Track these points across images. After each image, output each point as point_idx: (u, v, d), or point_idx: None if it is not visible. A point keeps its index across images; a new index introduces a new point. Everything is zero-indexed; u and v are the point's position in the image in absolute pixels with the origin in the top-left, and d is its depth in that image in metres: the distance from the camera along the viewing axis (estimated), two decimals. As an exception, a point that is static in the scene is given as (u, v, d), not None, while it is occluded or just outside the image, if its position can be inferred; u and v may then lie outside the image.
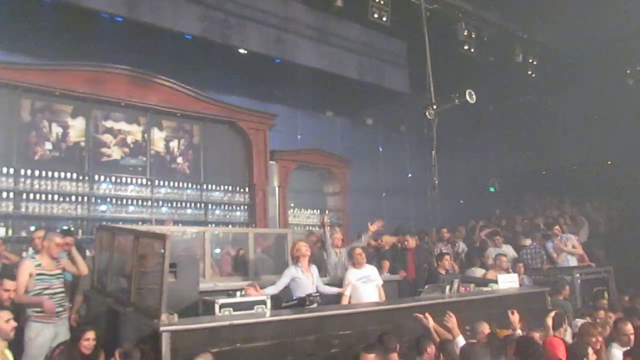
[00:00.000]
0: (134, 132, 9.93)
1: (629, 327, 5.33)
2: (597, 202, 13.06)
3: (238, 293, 5.05)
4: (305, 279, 6.03)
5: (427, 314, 5.23)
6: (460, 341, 4.83)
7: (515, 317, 5.42)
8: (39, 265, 5.50)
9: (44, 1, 8.60)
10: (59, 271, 5.66)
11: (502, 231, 11.18)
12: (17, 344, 4.88)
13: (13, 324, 4.45)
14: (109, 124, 9.68)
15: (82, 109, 9.38)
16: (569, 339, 5.81)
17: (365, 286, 6.61)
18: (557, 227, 9.93)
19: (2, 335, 4.40)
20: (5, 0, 8.32)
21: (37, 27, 8.74)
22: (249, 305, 4.91)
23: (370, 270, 6.84)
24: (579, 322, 6.34)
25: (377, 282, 6.81)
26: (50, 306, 5.33)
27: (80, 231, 8.81)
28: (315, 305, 5.43)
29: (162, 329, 4.02)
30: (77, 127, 9.36)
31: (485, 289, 7.65)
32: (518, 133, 14.74)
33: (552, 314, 5.64)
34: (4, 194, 8.32)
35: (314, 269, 6.29)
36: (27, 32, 8.68)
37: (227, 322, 4.38)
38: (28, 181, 8.56)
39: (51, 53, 8.90)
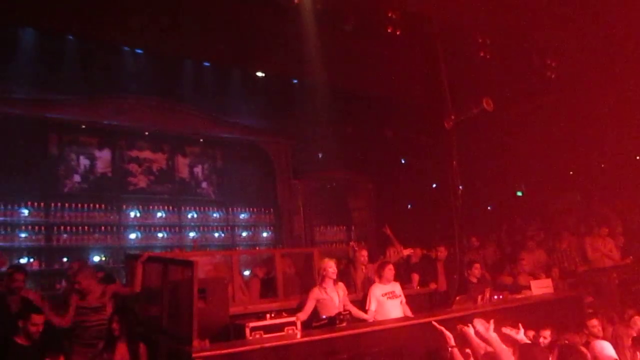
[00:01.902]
0: (159, 159, 10.12)
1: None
2: (629, 199, 12.75)
3: (267, 315, 5.05)
4: (330, 300, 5.93)
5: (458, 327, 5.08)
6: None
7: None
8: (82, 299, 5.61)
9: (68, 38, 8.88)
10: (100, 304, 5.70)
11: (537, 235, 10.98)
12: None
13: None
14: (134, 153, 9.90)
15: (108, 140, 9.62)
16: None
17: (392, 302, 6.44)
18: (605, 228, 9.82)
19: None
20: (31, 38, 8.63)
21: (62, 63, 8.99)
22: (279, 327, 4.90)
23: (395, 286, 6.66)
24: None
25: (402, 298, 6.62)
26: None
27: (111, 260, 8.96)
28: (345, 323, 5.40)
29: (194, 355, 4.06)
30: (103, 158, 9.60)
31: (518, 296, 7.54)
32: (541, 135, 14.51)
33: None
34: (36, 228, 8.52)
35: (340, 288, 6.18)
36: (52, 68, 8.94)
37: (258, 346, 4.39)
38: (58, 214, 8.78)
39: (76, 87, 9.14)
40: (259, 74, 10.47)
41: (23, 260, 8.31)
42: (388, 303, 6.41)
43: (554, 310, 6.86)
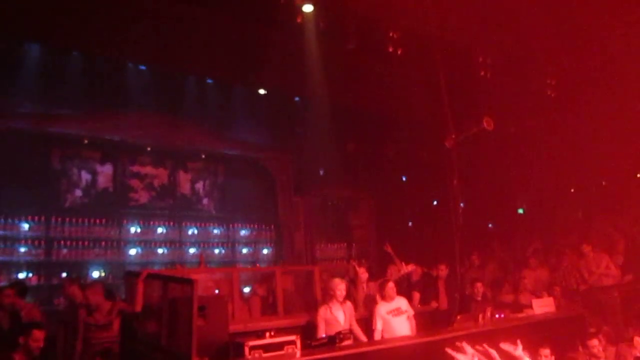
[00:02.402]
0: (161, 175, 10.14)
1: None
2: (630, 216, 12.72)
3: (267, 334, 5.01)
4: (334, 319, 5.96)
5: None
6: None
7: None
8: (89, 315, 5.55)
9: (73, 53, 8.93)
10: (107, 322, 5.64)
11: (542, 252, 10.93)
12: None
13: None
14: (135, 168, 9.92)
15: (110, 155, 9.65)
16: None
17: (397, 319, 6.44)
18: (585, 245, 9.56)
19: None
20: (36, 53, 8.68)
21: (66, 78, 9.00)
22: (279, 346, 4.87)
23: (400, 301, 6.64)
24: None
25: (409, 313, 6.63)
26: None
27: (110, 276, 8.93)
28: (346, 342, 5.36)
29: (193, 374, 4.03)
30: (105, 173, 9.62)
31: (520, 315, 7.50)
32: (542, 153, 14.53)
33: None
34: (36, 242, 8.51)
35: (348, 308, 6.18)
36: (56, 83, 8.95)
37: (257, 365, 4.37)
38: (59, 228, 8.78)
39: (80, 102, 9.17)
40: (261, 91, 10.52)
41: (22, 275, 8.29)
42: (394, 321, 6.41)
43: (556, 330, 6.81)
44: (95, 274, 8.91)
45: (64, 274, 8.59)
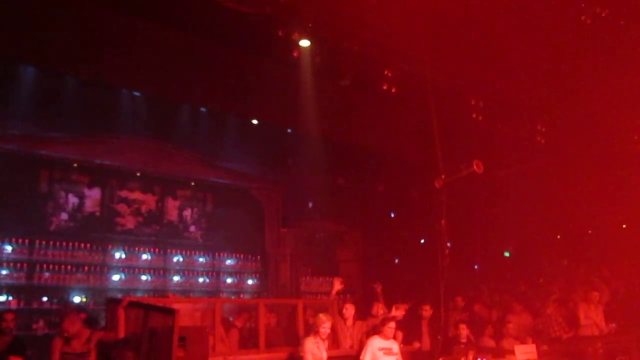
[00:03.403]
0: (148, 201, 10.09)
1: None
2: (615, 266, 12.76)
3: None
4: (320, 354, 6.02)
5: None
6: None
7: None
8: (67, 344, 5.42)
9: (67, 77, 8.95)
10: (85, 350, 5.49)
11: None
12: None
13: None
14: (124, 193, 9.86)
15: (99, 180, 9.59)
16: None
17: (387, 358, 6.49)
18: (595, 292, 9.55)
19: None
20: (31, 76, 8.70)
21: (60, 101, 8.98)
22: (258, 381, 4.79)
23: (393, 344, 6.73)
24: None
25: (398, 357, 6.67)
26: None
27: (92, 302, 8.78)
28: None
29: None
30: (93, 197, 9.54)
31: (501, 361, 7.45)
32: (530, 198, 14.64)
33: None
34: (18, 265, 8.36)
35: (326, 345, 6.23)
36: (50, 106, 8.94)
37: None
38: (42, 251, 8.64)
39: (73, 126, 9.15)
40: (254, 121, 10.60)
41: (1, 298, 8.12)
42: (383, 358, 6.45)
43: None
44: (77, 300, 8.76)
45: (45, 299, 8.43)
